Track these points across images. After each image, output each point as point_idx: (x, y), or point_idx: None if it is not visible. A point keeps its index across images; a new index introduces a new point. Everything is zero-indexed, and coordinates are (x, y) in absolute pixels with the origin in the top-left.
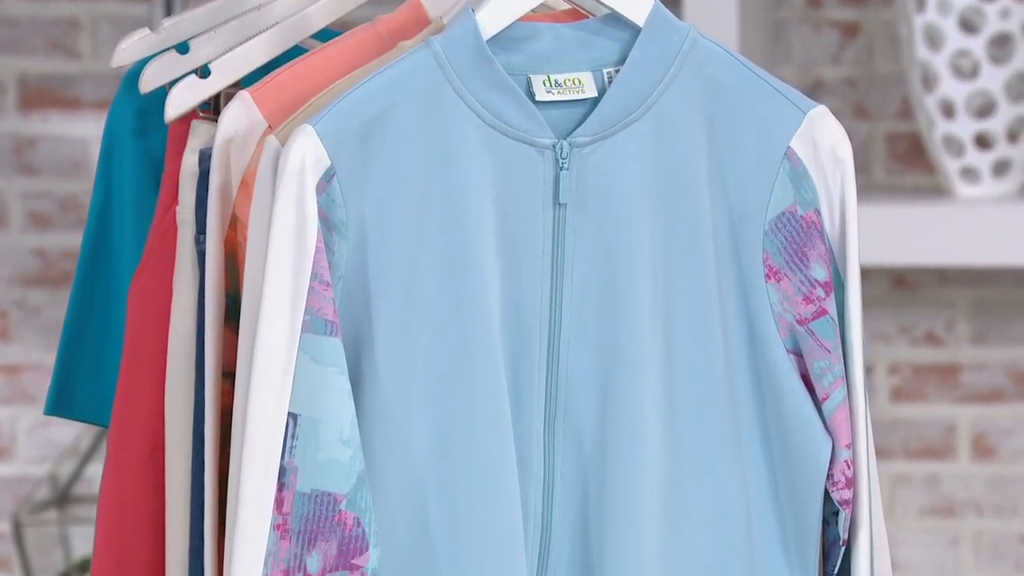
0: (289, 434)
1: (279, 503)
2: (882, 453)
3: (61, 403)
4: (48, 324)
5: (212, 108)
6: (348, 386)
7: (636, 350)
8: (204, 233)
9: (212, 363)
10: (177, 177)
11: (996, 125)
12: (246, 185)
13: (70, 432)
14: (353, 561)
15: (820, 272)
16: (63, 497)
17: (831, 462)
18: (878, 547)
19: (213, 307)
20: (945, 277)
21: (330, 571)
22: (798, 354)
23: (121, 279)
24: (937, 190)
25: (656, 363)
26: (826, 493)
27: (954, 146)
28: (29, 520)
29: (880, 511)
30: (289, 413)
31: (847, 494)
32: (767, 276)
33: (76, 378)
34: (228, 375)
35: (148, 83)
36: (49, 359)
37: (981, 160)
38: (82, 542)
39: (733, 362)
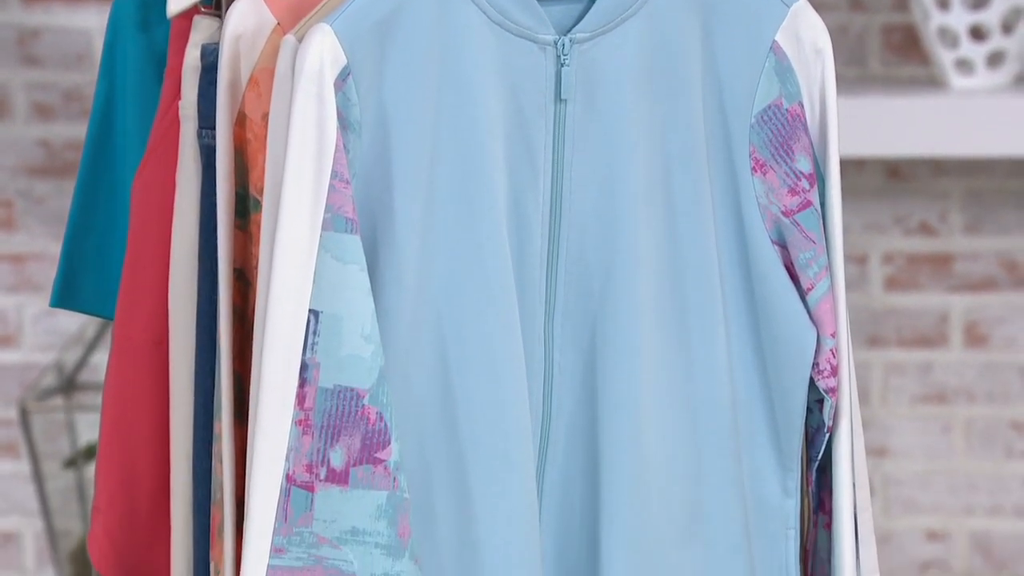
0: (310, 331)
1: (300, 399)
2: (876, 342)
3: (66, 295)
4: (52, 214)
5: (213, 3)
6: (368, 283)
7: (634, 245)
8: (206, 128)
9: (224, 259)
10: (179, 72)
11: (990, 17)
12: (255, 83)
13: (76, 320)
14: (376, 455)
15: (804, 164)
16: (69, 384)
17: (816, 351)
18: (855, 432)
19: (224, 204)
20: (939, 168)
21: (354, 465)
22: (782, 245)
23: (125, 173)
24: (932, 81)
25: (654, 256)
26: (810, 382)
27: (949, 38)
28: (36, 407)
29: (856, 397)
30: (310, 310)
31: (832, 382)
32: (753, 169)
33: (81, 271)
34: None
35: None
36: (54, 248)
37: (975, 52)
38: (88, 428)
39: (722, 253)
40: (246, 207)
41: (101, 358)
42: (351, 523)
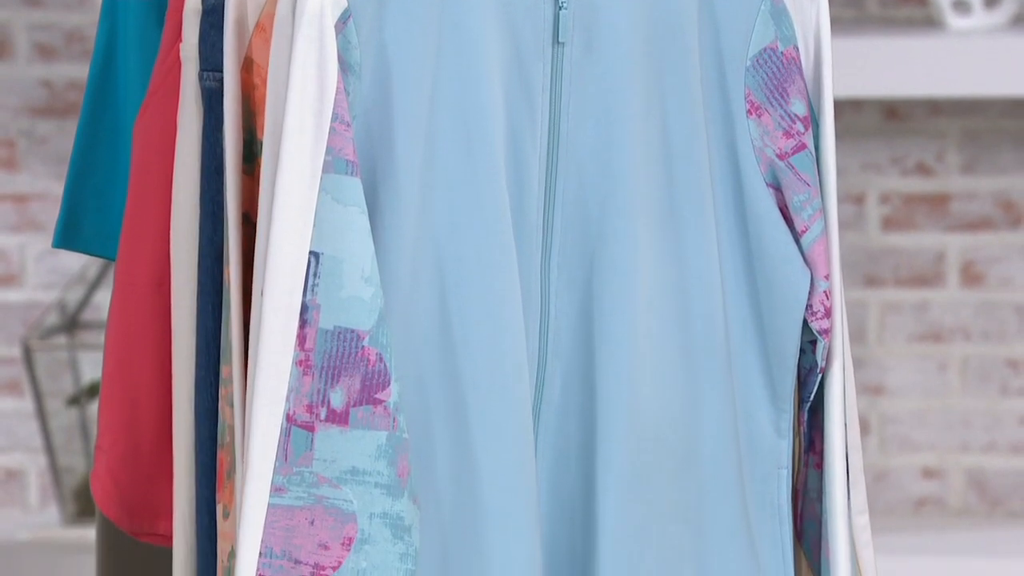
0: (311, 272)
1: (301, 340)
2: (873, 281)
3: (68, 236)
4: (55, 154)
5: None
6: (368, 225)
7: (631, 186)
8: (207, 70)
9: (233, 204)
10: (180, 15)
11: None
12: (261, 28)
13: (78, 260)
14: (376, 396)
15: (799, 107)
16: (72, 323)
17: (810, 293)
18: (847, 373)
19: (232, 150)
20: (936, 108)
21: (354, 405)
22: (777, 188)
23: (126, 115)
24: (929, 22)
25: (650, 198)
26: (803, 323)
27: None
28: (39, 345)
29: (848, 339)
30: (310, 252)
31: (826, 323)
32: (748, 112)
33: (83, 212)
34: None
35: None
36: (56, 188)
37: None
38: (91, 367)
39: (717, 196)
40: (253, 152)
41: (104, 297)
42: (351, 463)
